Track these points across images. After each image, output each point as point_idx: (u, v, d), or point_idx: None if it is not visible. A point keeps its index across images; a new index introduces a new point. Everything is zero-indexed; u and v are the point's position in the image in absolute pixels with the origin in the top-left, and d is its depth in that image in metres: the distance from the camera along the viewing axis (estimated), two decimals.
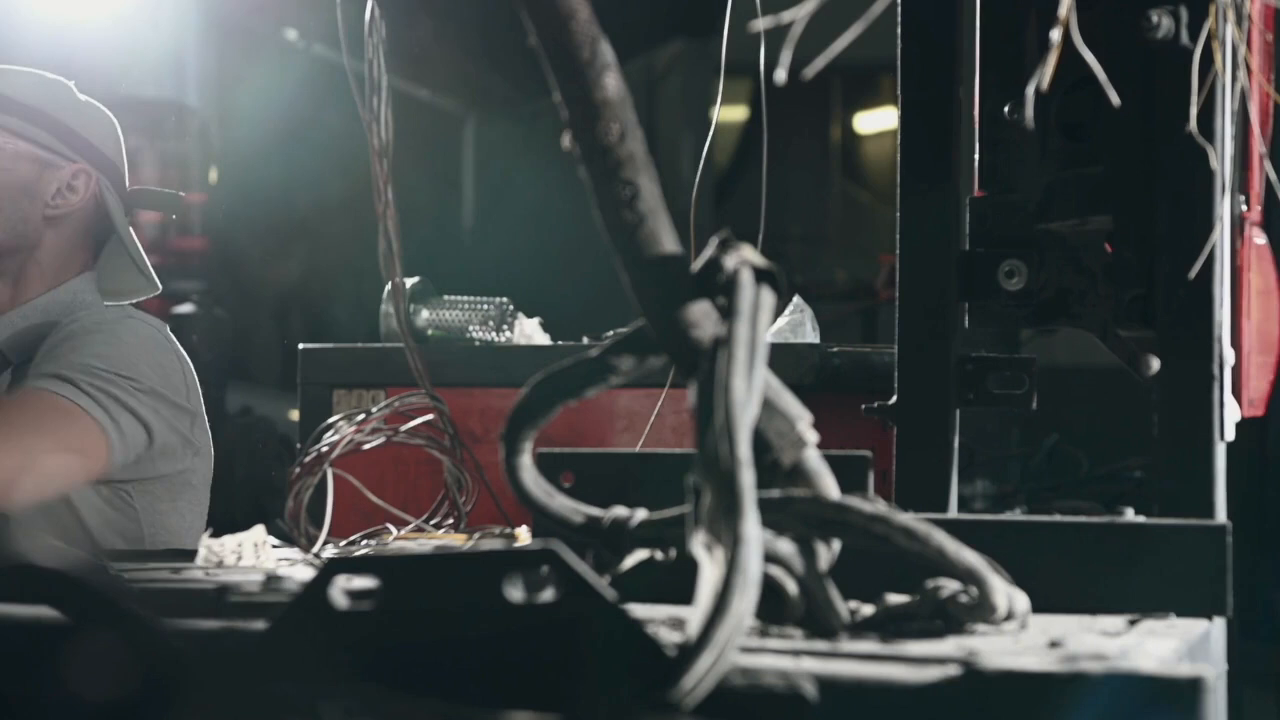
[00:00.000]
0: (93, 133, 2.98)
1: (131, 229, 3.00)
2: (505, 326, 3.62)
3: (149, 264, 3.02)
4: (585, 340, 3.72)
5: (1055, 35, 1.45)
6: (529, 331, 3.66)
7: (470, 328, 3.63)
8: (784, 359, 3.10)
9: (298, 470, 2.00)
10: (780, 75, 1.44)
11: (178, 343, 2.94)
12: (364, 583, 1.25)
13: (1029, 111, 1.57)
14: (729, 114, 10.34)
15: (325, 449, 2.02)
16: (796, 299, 3.44)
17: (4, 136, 2.89)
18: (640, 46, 10.27)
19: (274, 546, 1.94)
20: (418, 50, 9.11)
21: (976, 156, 1.98)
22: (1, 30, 6.46)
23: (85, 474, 2.72)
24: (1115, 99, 1.54)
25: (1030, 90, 1.48)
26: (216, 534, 1.89)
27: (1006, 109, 1.92)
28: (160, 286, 3.08)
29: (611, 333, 3.53)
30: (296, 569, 1.75)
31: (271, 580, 1.48)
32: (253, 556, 1.84)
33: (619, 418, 3.49)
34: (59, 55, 3.08)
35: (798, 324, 3.40)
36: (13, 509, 2.54)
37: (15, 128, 2.89)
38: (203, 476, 2.92)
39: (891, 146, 1.94)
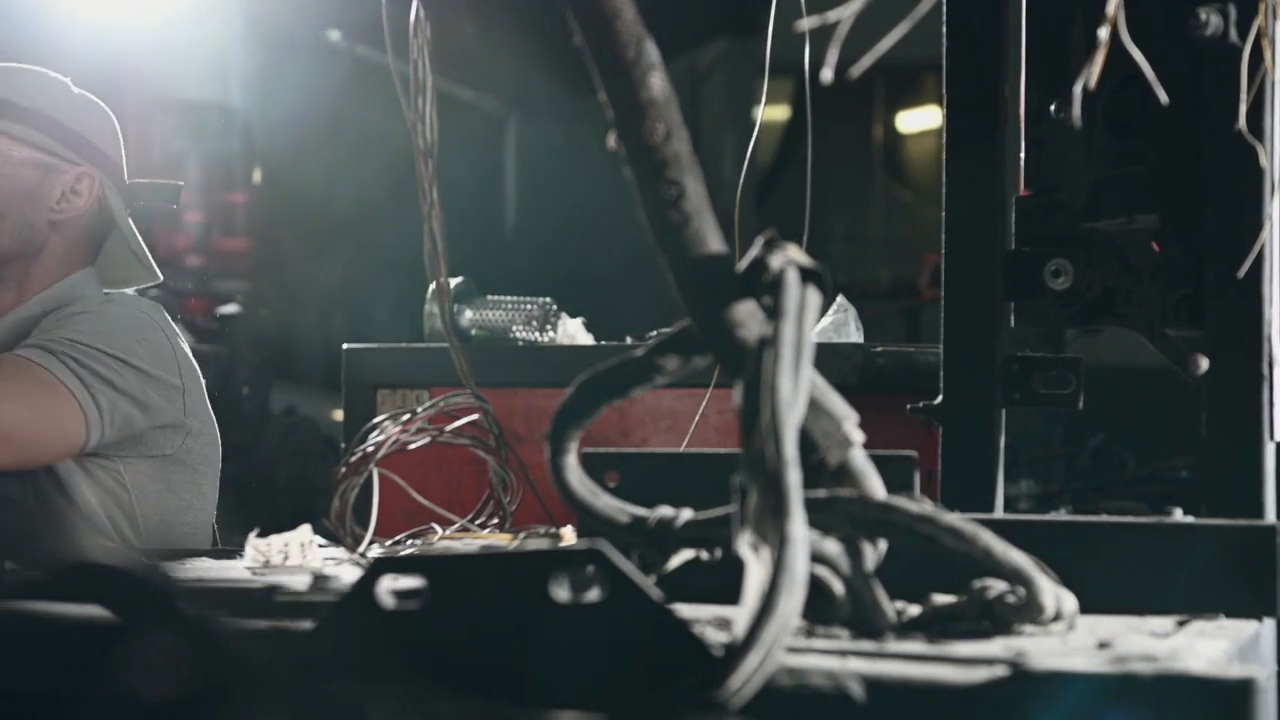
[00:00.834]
0: (93, 132, 2.98)
1: (131, 220, 3.01)
2: (549, 326, 3.62)
3: (149, 255, 3.03)
4: (629, 340, 3.71)
5: (1104, 33, 1.44)
6: (572, 331, 3.66)
7: (514, 328, 3.64)
8: (828, 359, 3.09)
9: (343, 470, 2.01)
10: (826, 75, 1.43)
11: (170, 322, 2.95)
12: (410, 582, 1.25)
13: (1076, 110, 1.57)
14: (771, 113, 10.33)
15: (371, 449, 2.02)
16: (840, 298, 3.43)
17: (6, 142, 2.88)
18: (683, 46, 10.26)
19: (320, 546, 1.95)
20: (460, 51, 9.12)
21: (1022, 155, 1.97)
22: (47, 33, 6.50)
23: (61, 446, 2.73)
24: (1164, 97, 1.53)
25: (1078, 89, 1.47)
26: (263, 534, 1.89)
27: (1053, 107, 1.91)
28: (160, 276, 3.09)
29: (655, 333, 3.53)
30: (343, 569, 1.76)
31: (319, 580, 1.49)
32: (299, 556, 1.85)
33: (662, 417, 3.48)
34: (104, 58, 3.09)
35: (841, 323, 3.40)
36: None
37: (18, 133, 2.89)
38: (201, 457, 2.93)
39: (934, 145, 1.94)
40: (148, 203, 3.10)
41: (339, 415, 4.17)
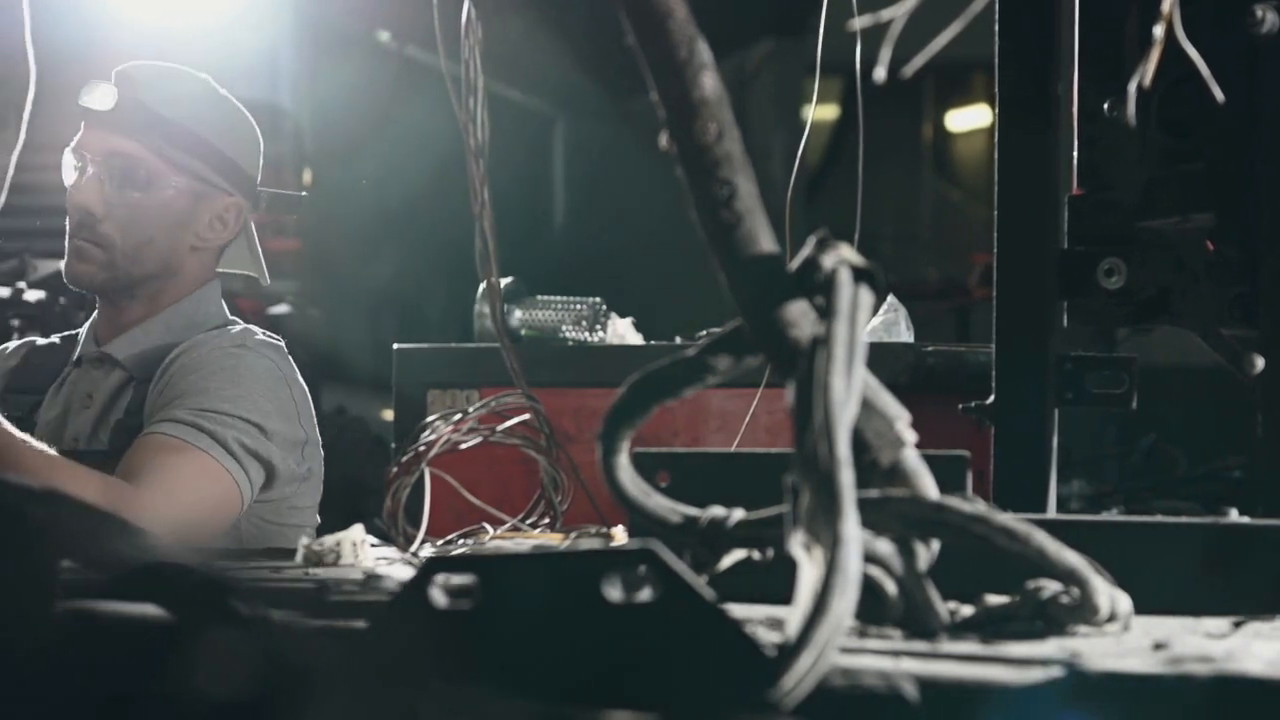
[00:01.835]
0: (244, 155, 2.97)
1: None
2: (598, 326, 3.63)
3: (262, 257, 3.05)
4: (678, 340, 3.72)
5: (1159, 31, 1.43)
6: (622, 331, 3.67)
7: (563, 328, 3.64)
8: (879, 358, 3.08)
9: (395, 470, 2.01)
10: (879, 74, 1.43)
11: (291, 362, 2.95)
12: (463, 582, 1.25)
13: (1131, 108, 1.56)
14: (819, 112, 10.31)
15: (422, 448, 2.03)
16: (891, 298, 3.43)
17: (166, 169, 2.87)
18: (731, 46, 10.25)
19: (372, 546, 1.95)
20: (508, 51, 9.14)
21: (1075, 154, 1.96)
22: (99, 32, 6.54)
23: (218, 527, 2.75)
24: (1219, 95, 1.52)
25: (1132, 86, 1.46)
26: (315, 533, 1.90)
27: (1106, 105, 1.90)
28: (268, 279, 3.10)
29: (705, 332, 3.53)
30: (395, 568, 1.76)
31: (371, 579, 1.49)
32: (351, 555, 1.85)
33: (712, 417, 3.49)
34: (155, 57, 3.10)
35: (892, 323, 3.39)
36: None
37: (179, 160, 2.87)
38: (310, 498, 2.94)
39: (984, 144, 1.94)
40: (271, 210, 3.10)
41: (389, 415, 4.19)
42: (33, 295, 5.67)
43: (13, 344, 3.12)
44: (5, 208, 2.33)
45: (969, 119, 12.03)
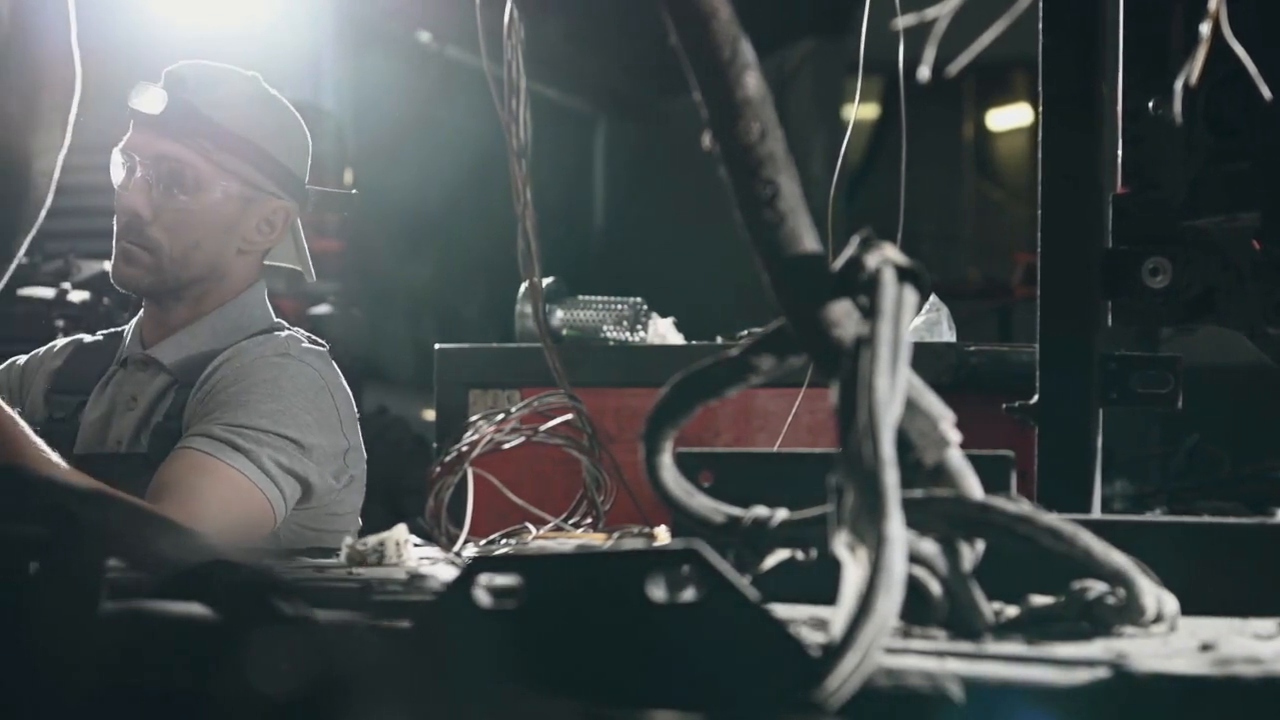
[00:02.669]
0: (293, 157, 2.96)
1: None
2: (639, 326, 3.63)
3: (308, 256, 3.04)
4: (719, 340, 3.71)
5: (1205, 29, 1.42)
6: (663, 331, 3.67)
7: (604, 327, 3.65)
8: (921, 358, 3.07)
9: (438, 469, 2.01)
10: (924, 73, 1.42)
11: (335, 367, 2.94)
12: (506, 581, 1.25)
13: (1177, 106, 1.55)
14: (859, 111, 10.28)
15: (465, 448, 2.03)
16: (933, 298, 3.42)
17: (215, 172, 2.86)
18: (771, 46, 10.24)
19: (414, 545, 1.96)
20: (548, 51, 9.15)
21: (1119, 152, 1.95)
22: (142, 33, 6.57)
23: (254, 540, 2.74)
24: (1267, 93, 1.51)
25: (1178, 85, 1.46)
26: (359, 533, 1.91)
27: (1151, 104, 1.89)
28: (314, 276, 3.09)
29: (746, 332, 3.53)
30: (438, 568, 1.77)
31: (415, 579, 1.49)
32: (395, 555, 1.86)
33: (755, 417, 3.48)
34: (197, 58, 3.11)
35: (934, 323, 3.38)
36: None
37: (228, 164, 2.87)
38: (351, 504, 2.93)
39: (1025, 143, 1.93)
40: (319, 210, 3.09)
41: (429, 415, 4.19)
42: (77, 296, 5.71)
43: (60, 341, 3.12)
44: (50, 209, 2.34)
45: (1010, 118, 11.99)
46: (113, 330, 3.13)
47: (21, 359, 3.07)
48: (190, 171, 2.85)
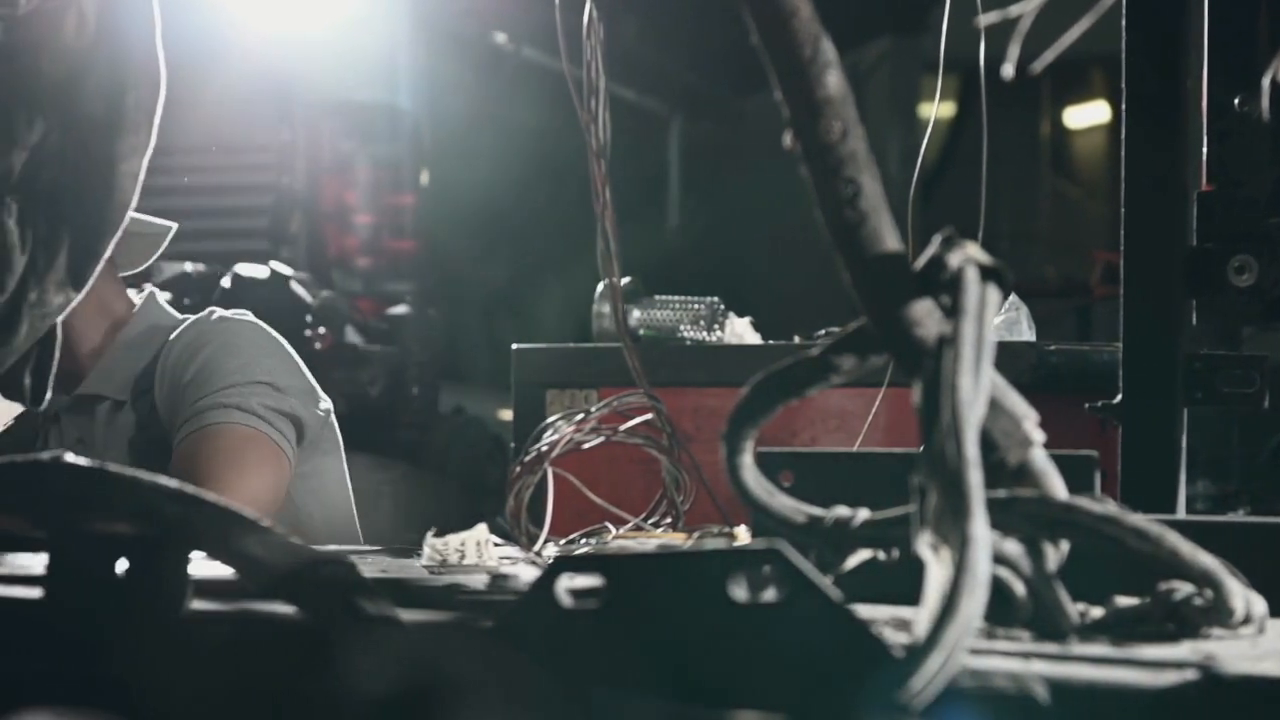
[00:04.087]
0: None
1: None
2: (716, 326, 3.62)
3: (147, 218, 3.04)
4: (796, 339, 3.70)
5: None
6: (740, 331, 3.66)
7: (681, 327, 3.64)
8: (1000, 357, 3.05)
9: (518, 469, 2.02)
10: (1007, 71, 1.42)
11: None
12: (588, 581, 1.26)
13: (1264, 103, 1.53)
14: (933, 110, 10.24)
15: (545, 448, 2.04)
16: (1011, 296, 3.40)
17: None
18: (847, 44, 10.22)
19: (495, 545, 1.96)
20: (622, 50, 9.16)
21: (1204, 149, 1.94)
22: (219, 38, 6.62)
23: (281, 488, 2.80)
24: None
25: (1266, 80, 1.44)
26: (438, 533, 1.91)
27: (1237, 100, 1.87)
28: (170, 224, 3.09)
29: (824, 331, 3.52)
30: (519, 567, 1.77)
31: (497, 579, 1.50)
32: (476, 555, 1.86)
33: (830, 417, 3.47)
34: (274, 62, 3.14)
35: (1013, 322, 3.36)
36: None
37: None
38: (336, 479, 2.98)
39: (1102, 141, 1.92)
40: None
41: (505, 415, 4.21)
42: (159, 296, 5.76)
43: None
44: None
45: (1087, 115, 11.91)
46: (16, 415, 3.15)
47: None
48: None
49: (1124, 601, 1.37)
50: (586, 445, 2.06)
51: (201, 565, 1.32)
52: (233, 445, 2.75)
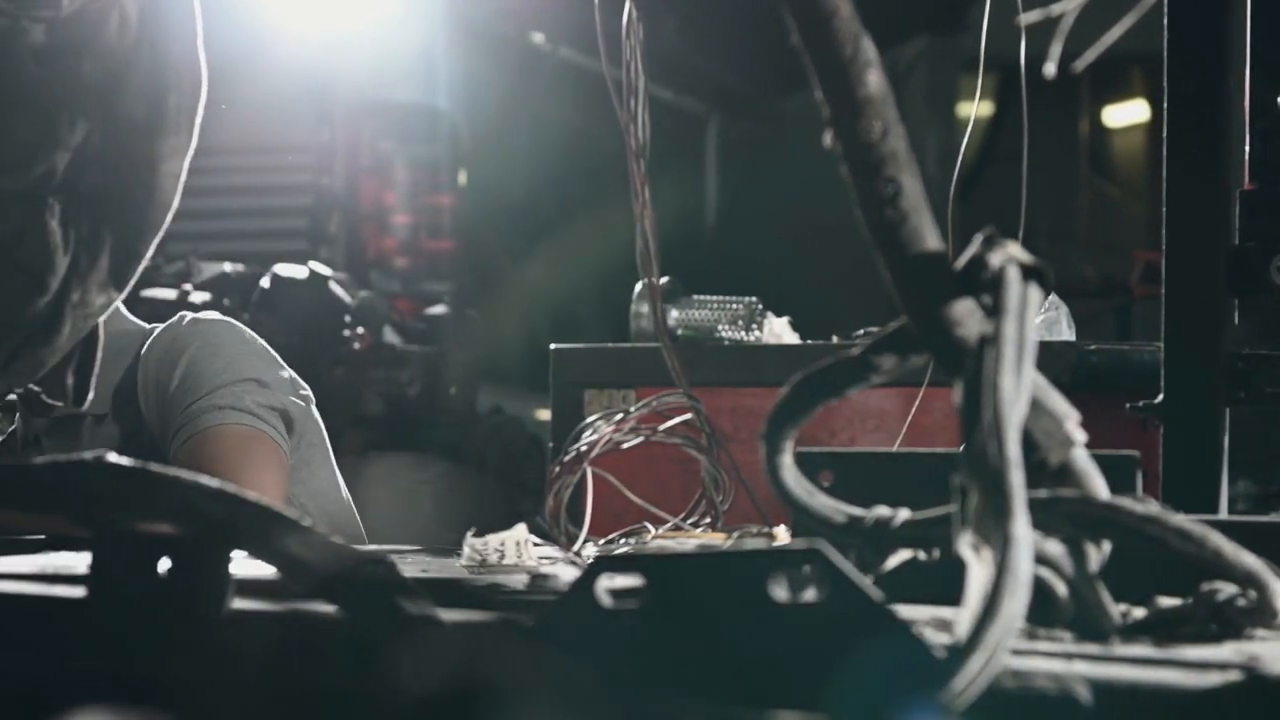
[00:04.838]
0: None
1: None
2: (754, 326, 3.62)
3: None
4: (835, 339, 3.70)
5: None
6: (778, 331, 3.66)
7: (720, 327, 3.64)
8: (1040, 357, 3.05)
9: (558, 469, 2.02)
10: (1049, 69, 1.41)
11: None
12: (628, 581, 1.26)
13: None
14: (971, 109, 10.21)
15: (584, 448, 2.04)
16: (1051, 296, 3.38)
17: None
18: (884, 43, 10.20)
19: (534, 545, 1.96)
20: (660, 50, 9.16)
21: (1247, 148, 1.93)
22: (258, 39, 6.65)
23: (285, 483, 2.82)
24: None
25: None
26: (477, 533, 1.91)
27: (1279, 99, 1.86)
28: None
29: (863, 331, 3.51)
30: (559, 567, 1.77)
31: (537, 579, 1.50)
32: (515, 555, 1.86)
33: (869, 416, 3.46)
34: (313, 62, 3.15)
35: (1053, 321, 3.35)
36: None
37: None
38: (323, 467, 2.98)
39: (1141, 140, 1.91)
40: None
41: (543, 415, 4.21)
42: (198, 297, 5.80)
43: None
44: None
45: (1126, 114, 11.86)
46: None
47: None
48: None
49: (1166, 602, 1.37)
50: (625, 445, 2.06)
51: (243, 564, 1.33)
52: (235, 446, 2.76)
